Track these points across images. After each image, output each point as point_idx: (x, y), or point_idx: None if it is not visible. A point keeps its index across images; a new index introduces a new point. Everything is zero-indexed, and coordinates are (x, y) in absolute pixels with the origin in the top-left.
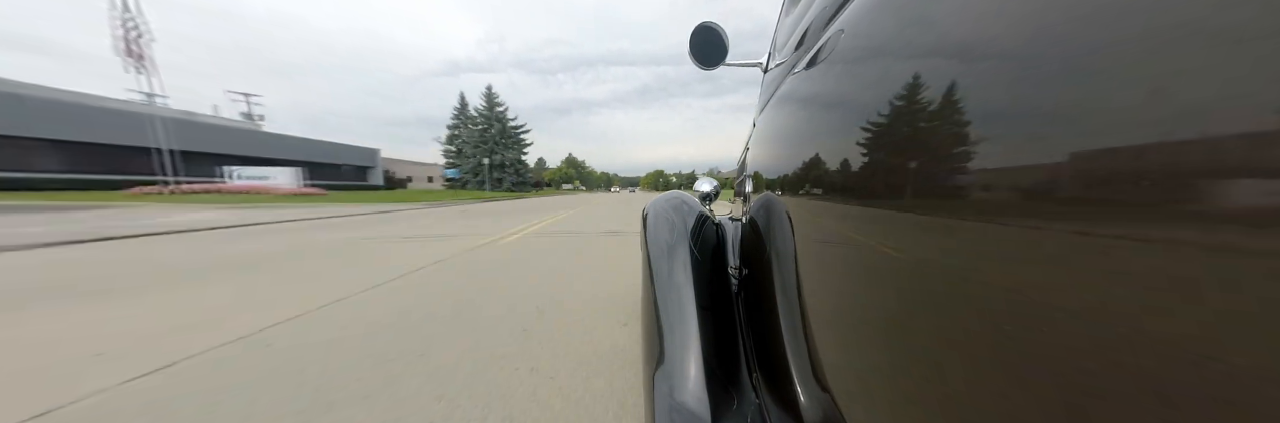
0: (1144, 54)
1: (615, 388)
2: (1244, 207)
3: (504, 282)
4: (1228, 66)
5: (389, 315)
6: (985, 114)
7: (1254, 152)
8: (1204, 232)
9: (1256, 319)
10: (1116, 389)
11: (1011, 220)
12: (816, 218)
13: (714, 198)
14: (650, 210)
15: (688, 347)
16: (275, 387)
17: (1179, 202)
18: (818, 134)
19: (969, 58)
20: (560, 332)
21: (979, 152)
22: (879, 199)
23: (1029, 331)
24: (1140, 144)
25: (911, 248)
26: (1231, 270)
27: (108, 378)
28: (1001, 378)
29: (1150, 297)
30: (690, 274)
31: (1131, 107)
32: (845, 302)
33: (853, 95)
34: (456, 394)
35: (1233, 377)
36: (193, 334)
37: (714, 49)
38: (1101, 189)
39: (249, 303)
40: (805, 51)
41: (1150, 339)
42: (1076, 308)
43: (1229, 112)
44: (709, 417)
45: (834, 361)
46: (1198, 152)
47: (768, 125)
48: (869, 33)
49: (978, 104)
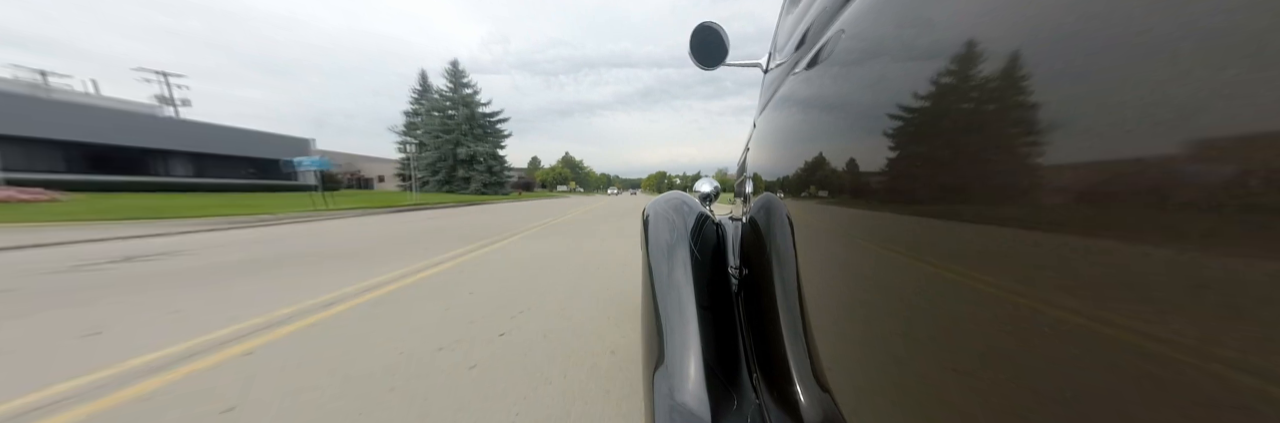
0: (1144, 54)
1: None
2: (1245, 207)
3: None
4: (1229, 66)
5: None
6: (985, 114)
7: (1258, 152)
8: (1204, 232)
9: (1257, 320)
10: (1117, 389)
11: (1012, 221)
12: (816, 218)
13: (714, 198)
14: (650, 211)
15: (688, 347)
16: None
17: (1180, 201)
18: (818, 134)
19: (969, 58)
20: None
21: (979, 152)
22: (879, 199)
23: (1029, 330)
24: (1140, 144)
25: (911, 248)
26: (1232, 271)
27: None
28: (1001, 378)
29: (1150, 297)
30: (690, 274)
31: (1132, 106)
32: (845, 302)
33: (853, 96)
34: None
35: (1233, 377)
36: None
37: (714, 49)
38: (1102, 189)
39: None
40: (805, 52)
41: (1150, 339)
42: (1076, 308)
43: (1231, 111)
44: (709, 417)
45: (834, 361)
46: (1199, 151)
47: (768, 126)
48: (869, 33)
49: (978, 104)
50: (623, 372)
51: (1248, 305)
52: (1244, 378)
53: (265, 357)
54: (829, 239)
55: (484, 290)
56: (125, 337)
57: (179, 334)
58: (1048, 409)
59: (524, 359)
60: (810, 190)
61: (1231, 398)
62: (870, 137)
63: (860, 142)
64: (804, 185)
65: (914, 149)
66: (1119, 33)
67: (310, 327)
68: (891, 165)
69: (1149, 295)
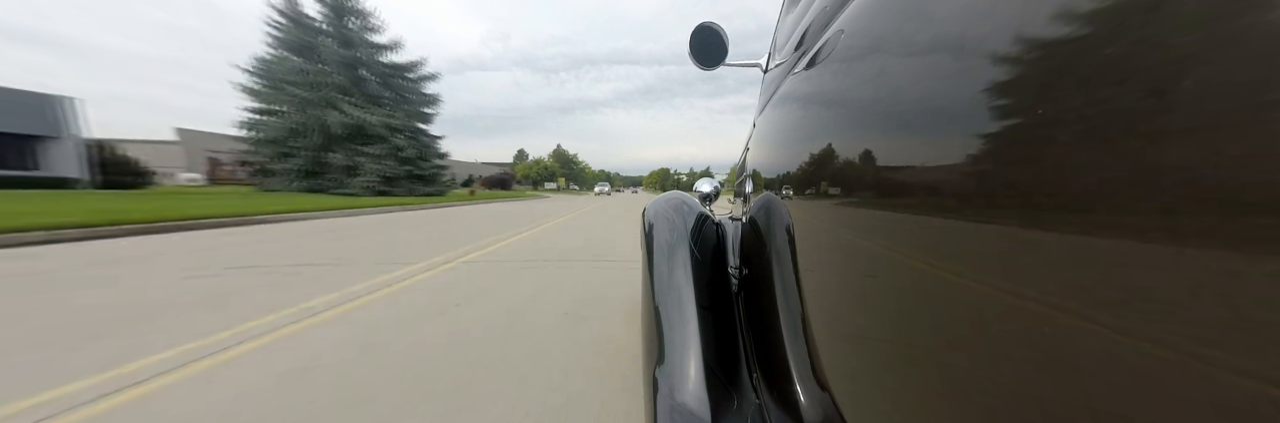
0: (1144, 54)
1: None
2: (1247, 207)
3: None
4: (1231, 65)
5: None
6: (985, 114)
7: (1262, 152)
8: (1205, 232)
9: (1258, 320)
10: (1117, 389)
11: (1011, 220)
12: (816, 218)
13: (714, 198)
14: (650, 211)
15: (688, 347)
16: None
17: (1180, 201)
18: (818, 134)
19: (969, 58)
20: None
21: (978, 152)
22: (879, 199)
23: (1029, 330)
24: (1141, 143)
25: (911, 248)
26: (1232, 271)
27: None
28: (1001, 378)
29: (1150, 297)
30: (690, 274)
31: (1132, 106)
32: (845, 302)
33: (853, 95)
34: None
35: (1234, 377)
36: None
37: (714, 49)
38: (1102, 189)
39: None
40: (805, 52)
41: (1150, 339)
42: (1076, 308)
43: (1234, 111)
44: (709, 417)
45: (834, 361)
46: (1201, 151)
47: (768, 125)
48: (869, 33)
49: (978, 104)
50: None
51: (1249, 305)
52: (1246, 378)
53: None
54: (829, 239)
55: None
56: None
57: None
58: (1048, 409)
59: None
60: (810, 190)
61: (1232, 398)
62: (870, 136)
63: (860, 141)
64: (804, 185)
65: (914, 149)
66: (1118, 32)
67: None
68: (891, 165)
69: (1149, 295)
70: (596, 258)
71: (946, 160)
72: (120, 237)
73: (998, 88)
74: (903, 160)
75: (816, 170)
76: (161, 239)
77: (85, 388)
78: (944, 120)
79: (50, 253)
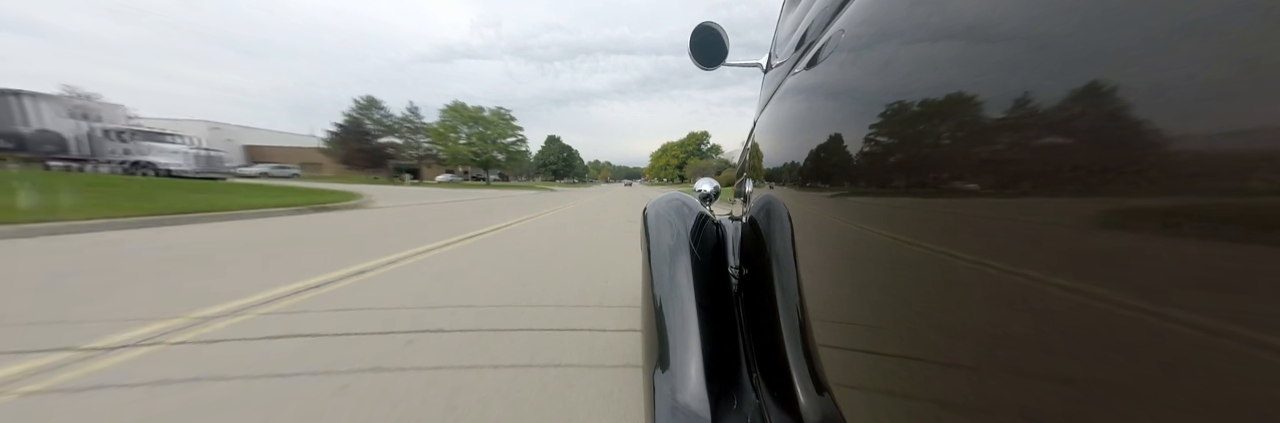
0: (1144, 53)
1: None
2: (1248, 206)
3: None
4: (1232, 65)
5: None
6: (986, 114)
7: (1264, 151)
8: (1205, 232)
9: (1258, 319)
10: (1117, 389)
11: (1012, 220)
12: (817, 218)
13: (714, 198)
14: (650, 211)
15: (688, 347)
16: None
17: (1181, 200)
18: (818, 134)
19: (969, 58)
20: None
21: (978, 152)
22: (879, 199)
23: (1030, 330)
24: (1141, 142)
25: (911, 248)
26: (1232, 270)
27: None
28: (1002, 378)
29: (1151, 296)
30: (690, 274)
31: (1132, 105)
32: (845, 302)
33: (853, 95)
34: None
35: (1234, 377)
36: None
37: (714, 49)
38: (1104, 188)
39: None
40: (805, 51)
41: (1151, 339)
42: (1077, 308)
43: (1236, 111)
44: (709, 417)
45: (834, 361)
46: (1203, 150)
47: (768, 125)
48: (869, 33)
49: (978, 104)
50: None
51: (1249, 305)
52: (1245, 379)
53: None
54: (829, 239)
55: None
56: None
57: None
58: (1048, 409)
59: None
60: (811, 190)
61: (1232, 398)
62: (871, 136)
63: (861, 141)
64: (804, 185)
65: (914, 149)
66: (1118, 33)
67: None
68: (892, 165)
69: (1150, 295)
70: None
71: (947, 161)
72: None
73: (999, 88)
74: (904, 160)
75: (817, 170)
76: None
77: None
78: (945, 120)
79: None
